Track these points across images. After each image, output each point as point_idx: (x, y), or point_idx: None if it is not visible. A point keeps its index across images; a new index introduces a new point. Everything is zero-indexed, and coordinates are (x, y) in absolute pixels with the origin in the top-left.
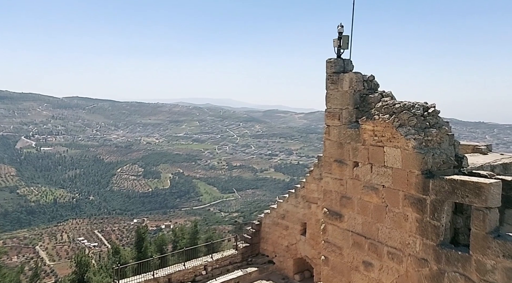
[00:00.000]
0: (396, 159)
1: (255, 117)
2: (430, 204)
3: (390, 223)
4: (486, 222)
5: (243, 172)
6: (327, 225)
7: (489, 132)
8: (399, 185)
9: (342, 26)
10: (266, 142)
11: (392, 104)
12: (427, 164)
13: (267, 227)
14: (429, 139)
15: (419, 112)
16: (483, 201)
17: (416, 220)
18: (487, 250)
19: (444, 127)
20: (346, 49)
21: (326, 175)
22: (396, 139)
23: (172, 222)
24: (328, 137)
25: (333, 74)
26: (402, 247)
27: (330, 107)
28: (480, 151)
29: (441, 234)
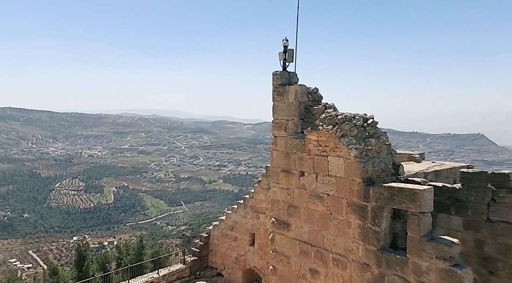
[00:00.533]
0: (339, 168)
1: (203, 128)
2: (371, 211)
3: (335, 230)
4: (421, 226)
5: (191, 184)
6: (275, 234)
7: (422, 141)
8: (343, 193)
9: (287, 40)
10: (215, 153)
11: (335, 115)
12: (367, 173)
13: (216, 239)
14: (369, 149)
15: (359, 123)
16: (418, 207)
17: (358, 227)
18: (422, 253)
19: (382, 137)
20: (291, 62)
21: (274, 185)
22: (339, 149)
23: (116, 238)
24: (275, 147)
25: (279, 86)
26: (346, 253)
27: (276, 118)
28: (414, 159)
29: (382, 239)
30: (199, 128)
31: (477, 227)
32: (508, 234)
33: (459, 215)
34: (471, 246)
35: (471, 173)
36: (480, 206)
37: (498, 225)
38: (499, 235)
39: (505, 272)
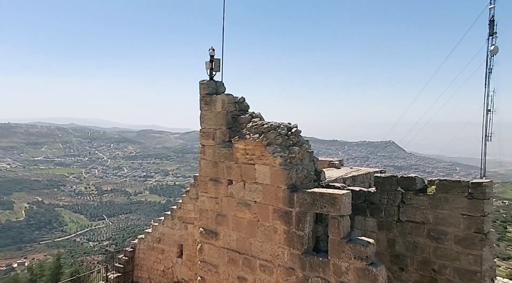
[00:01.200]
0: (265, 175)
1: (128, 138)
2: (295, 216)
3: (262, 237)
4: (340, 228)
5: (115, 196)
6: (203, 244)
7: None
8: (269, 200)
9: (213, 50)
10: (141, 164)
11: (260, 125)
12: (292, 179)
13: (142, 252)
14: (293, 156)
15: (284, 132)
16: (338, 210)
17: (284, 232)
18: (341, 254)
19: (305, 145)
20: (218, 72)
21: (202, 194)
22: (265, 157)
23: (28, 258)
24: (203, 156)
25: (207, 96)
26: (273, 259)
27: (204, 127)
28: (334, 165)
29: (305, 243)
30: (123, 137)
31: (389, 227)
32: (415, 233)
33: (374, 216)
34: (384, 245)
35: (383, 177)
36: (391, 207)
37: (407, 224)
38: (408, 234)
39: (413, 267)
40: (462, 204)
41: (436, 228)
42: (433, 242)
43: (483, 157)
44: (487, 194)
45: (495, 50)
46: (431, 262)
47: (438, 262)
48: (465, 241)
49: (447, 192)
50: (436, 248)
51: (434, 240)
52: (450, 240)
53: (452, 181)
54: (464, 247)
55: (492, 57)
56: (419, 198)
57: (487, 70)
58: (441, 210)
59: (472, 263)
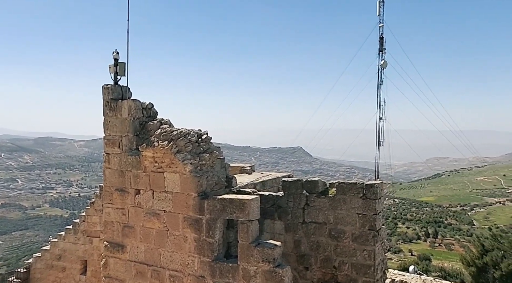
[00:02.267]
0: (175, 183)
1: (23, 146)
2: (205, 223)
3: (172, 247)
4: (249, 233)
5: (7, 211)
6: (108, 259)
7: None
8: (179, 208)
9: (117, 53)
10: (39, 175)
11: (170, 131)
12: (202, 186)
13: (39, 272)
14: (203, 163)
15: (194, 139)
16: (247, 215)
17: (194, 240)
18: (250, 258)
19: (216, 151)
20: (123, 76)
21: (107, 205)
22: (175, 165)
23: None
24: (108, 165)
25: (111, 101)
26: (183, 268)
27: (109, 134)
28: (246, 171)
29: (215, 249)
30: (17, 146)
31: (295, 229)
32: (318, 233)
33: (281, 219)
34: (291, 246)
35: (290, 181)
36: (297, 210)
37: (311, 225)
38: (312, 234)
39: (317, 266)
40: (357, 204)
41: (336, 228)
42: (333, 240)
43: (376, 161)
44: (378, 194)
45: (385, 64)
46: (332, 260)
47: (338, 259)
48: (360, 238)
49: (345, 193)
50: (336, 246)
51: (334, 239)
52: (348, 238)
53: (349, 183)
54: (359, 244)
55: (382, 70)
56: (321, 200)
57: (379, 82)
58: (340, 210)
59: (367, 258)
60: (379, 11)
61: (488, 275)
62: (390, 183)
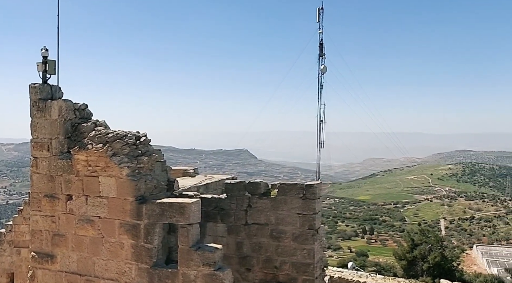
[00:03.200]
0: (111, 188)
1: None
2: (143, 229)
3: (107, 254)
4: (189, 237)
5: None
6: (36, 270)
7: (199, 157)
8: (115, 214)
9: (46, 50)
10: None
11: (105, 133)
12: (140, 190)
13: None
14: (141, 166)
15: (131, 141)
16: (187, 219)
17: (131, 247)
18: (190, 262)
19: (155, 154)
20: (53, 75)
21: (35, 213)
22: (111, 168)
23: None
24: (36, 170)
25: (39, 101)
26: (119, 277)
27: (37, 136)
28: (189, 174)
29: (154, 255)
30: None
31: (238, 231)
32: (260, 234)
33: (224, 222)
34: (233, 248)
35: (232, 183)
36: (240, 212)
37: (253, 227)
38: (254, 236)
39: (258, 267)
40: (298, 204)
41: (277, 228)
42: (275, 241)
43: (317, 162)
44: (317, 194)
45: (324, 69)
46: (273, 260)
47: (279, 259)
48: (300, 237)
49: (286, 194)
50: (277, 246)
51: (275, 239)
52: (289, 238)
53: (290, 184)
54: (299, 243)
55: (322, 75)
56: (263, 201)
57: (319, 87)
58: (281, 211)
59: (306, 256)
60: (319, 18)
61: (417, 268)
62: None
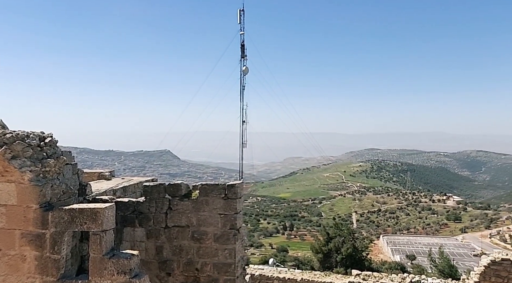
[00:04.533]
0: (10, 195)
1: None
2: (50, 238)
3: (6, 269)
4: (102, 244)
5: None
6: None
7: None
8: (15, 223)
9: None
10: None
11: (2, 134)
12: (45, 197)
13: None
14: (47, 170)
15: (35, 142)
16: (100, 225)
17: (35, 259)
18: (103, 271)
19: (63, 156)
20: None
21: None
22: (10, 173)
23: None
24: None
25: None
26: None
27: None
28: (104, 177)
29: (62, 267)
30: None
31: (158, 234)
32: (181, 236)
33: (143, 226)
34: (152, 253)
35: (151, 186)
36: (159, 215)
37: (174, 229)
38: (174, 239)
39: (179, 270)
40: (219, 204)
41: (199, 230)
42: (196, 243)
43: (240, 162)
44: (239, 194)
45: (246, 70)
46: (194, 262)
47: (200, 261)
48: (222, 238)
49: (207, 195)
50: (199, 248)
51: (197, 241)
52: (211, 239)
53: (211, 184)
54: (221, 244)
55: (244, 76)
56: (184, 203)
57: (241, 87)
58: (203, 212)
59: (228, 256)
60: (240, 19)
61: (332, 259)
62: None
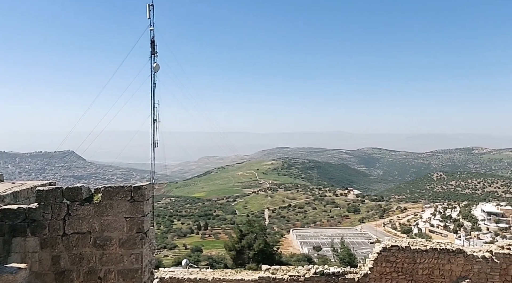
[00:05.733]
0: None
1: None
2: None
3: None
4: None
5: None
6: None
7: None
8: None
9: None
10: None
11: None
12: None
13: None
14: None
15: None
16: None
17: None
18: None
19: None
20: None
21: None
22: None
23: None
24: None
25: None
26: None
27: None
28: None
29: None
30: None
31: (54, 243)
32: (82, 244)
33: (36, 235)
34: (47, 264)
35: (46, 190)
36: (56, 222)
37: (73, 237)
38: (74, 247)
39: (79, 281)
40: (125, 208)
41: (102, 235)
42: (99, 249)
43: (152, 162)
44: (147, 196)
45: (157, 67)
46: (97, 271)
47: (104, 269)
48: (128, 242)
49: (112, 198)
50: (102, 255)
51: (100, 247)
52: (115, 245)
53: (116, 187)
54: (127, 249)
55: (155, 73)
56: (85, 208)
57: (152, 85)
58: (106, 216)
59: (134, 262)
60: (149, 14)
61: (244, 256)
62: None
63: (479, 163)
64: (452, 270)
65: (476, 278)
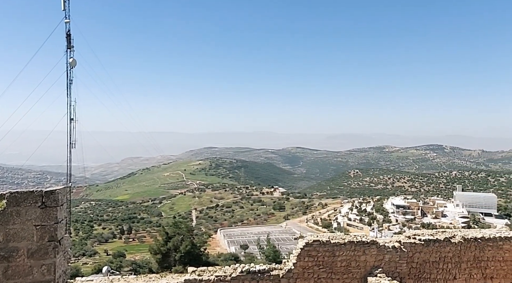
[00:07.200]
0: None
1: None
2: None
3: None
4: None
5: None
6: None
7: None
8: None
9: None
10: None
11: None
12: None
13: None
14: None
15: None
16: None
17: None
18: None
19: None
20: None
21: None
22: None
23: None
24: None
25: None
26: None
27: None
28: None
29: None
30: None
31: None
32: None
33: None
34: None
35: None
36: None
37: None
38: None
39: None
40: (35, 214)
41: (7, 246)
42: (4, 262)
43: (69, 164)
44: (60, 201)
45: (74, 62)
46: None
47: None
48: (38, 252)
49: (19, 204)
50: (7, 268)
51: (5, 259)
52: (23, 255)
53: (24, 192)
54: (37, 259)
55: (71, 69)
56: None
57: (68, 81)
58: (13, 225)
59: (46, 273)
60: (64, 6)
61: (170, 259)
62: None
63: (389, 160)
64: (366, 261)
65: (387, 266)
